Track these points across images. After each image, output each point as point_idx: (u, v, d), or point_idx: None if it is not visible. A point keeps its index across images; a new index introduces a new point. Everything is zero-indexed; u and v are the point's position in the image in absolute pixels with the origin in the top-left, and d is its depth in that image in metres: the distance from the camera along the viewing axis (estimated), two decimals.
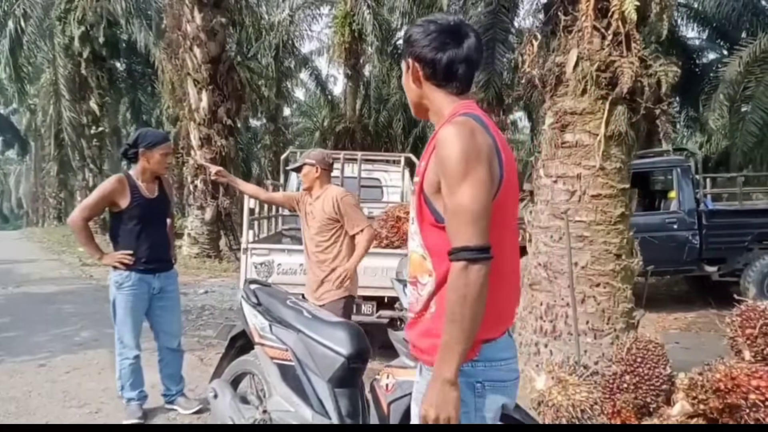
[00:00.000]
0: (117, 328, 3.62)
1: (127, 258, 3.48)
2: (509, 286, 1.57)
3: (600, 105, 4.11)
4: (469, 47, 1.54)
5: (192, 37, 11.59)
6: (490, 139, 1.46)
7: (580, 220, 4.14)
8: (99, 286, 8.87)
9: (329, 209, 3.58)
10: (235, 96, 12.17)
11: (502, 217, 1.48)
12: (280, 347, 2.70)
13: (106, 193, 3.51)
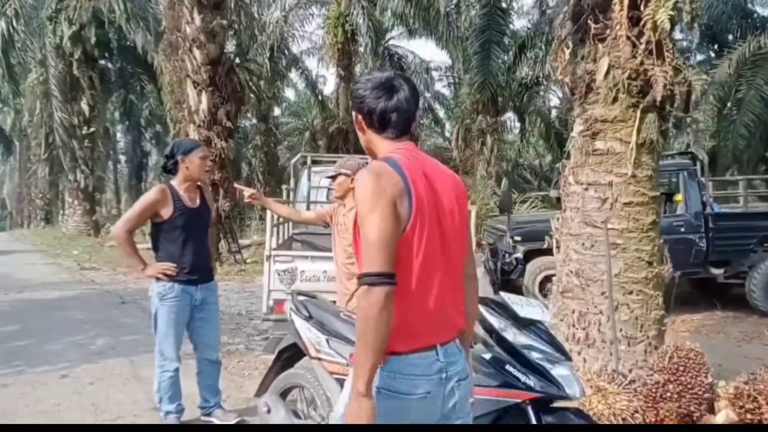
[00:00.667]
0: (158, 340, 3.56)
1: (171, 269, 3.43)
2: (424, 307, 1.70)
3: (631, 113, 4.13)
4: (399, 99, 1.76)
5: (191, 39, 11.46)
6: (399, 181, 1.65)
7: (613, 228, 4.15)
8: (103, 291, 8.77)
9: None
10: (235, 98, 12.05)
11: (417, 246, 1.66)
12: (340, 362, 2.67)
13: (149, 203, 3.46)
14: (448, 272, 1.76)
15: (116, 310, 7.37)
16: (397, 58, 24.39)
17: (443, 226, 1.74)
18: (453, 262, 1.79)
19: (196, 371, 3.78)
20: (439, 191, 1.74)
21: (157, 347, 3.59)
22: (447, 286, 1.76)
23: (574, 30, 4.27)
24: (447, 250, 1.75)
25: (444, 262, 1.74)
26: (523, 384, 2.11)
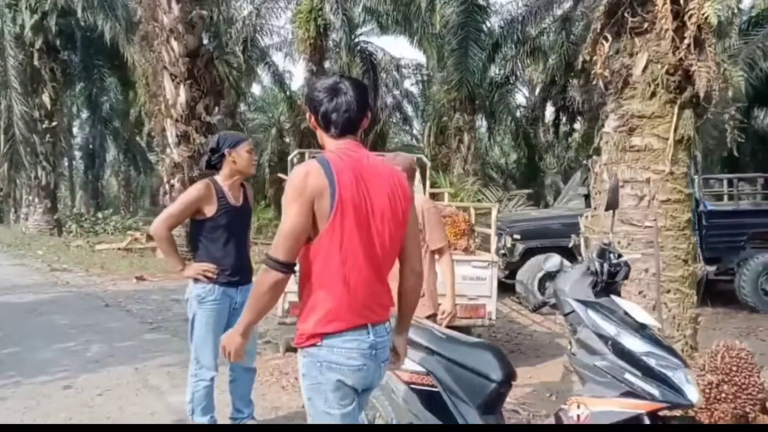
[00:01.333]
0: (194, 346, 3.29)
1: (212, 270, 3.17)
2: (347, 292, 1.91)
3: (669, 109, 4.07)
4: (339, 101, 1.95)
5: (169, 29, 11.00)
6: (323, 180, 1.85)
7: (650, 226, 4.09)
8: (82, 293, 8.30)
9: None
10: (214, 91, 11.65)
11: (339, 238, 1.88)
12: (419, 371, 2.49)
13: (192, 199, 3.18)
14: (375, 263, 1.97)
15: (101, 314, 6.95)
16: (368, 55, 24.16)
17: (371, 221, 1.93)
18: (382, 254, 1.98)
19: (230, 379, 3.52)
20: (370, 190, 1.93)
21: (193, 354, 3.32)
22: (374, 275, 1.98)
23: (611, 23, 4.17)
24: (373, 243, 1.94)
25: (370, 253, 1.94)
26: (646, 393, 1.98)
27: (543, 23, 20.47)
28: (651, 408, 1.98)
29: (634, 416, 2.01)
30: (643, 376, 2.01)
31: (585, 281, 2.27)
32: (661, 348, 2.07)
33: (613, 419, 2.01)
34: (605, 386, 2.06)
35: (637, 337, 2.09)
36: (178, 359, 5.11)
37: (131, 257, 12.05)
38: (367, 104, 2.03)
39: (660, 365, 2.01)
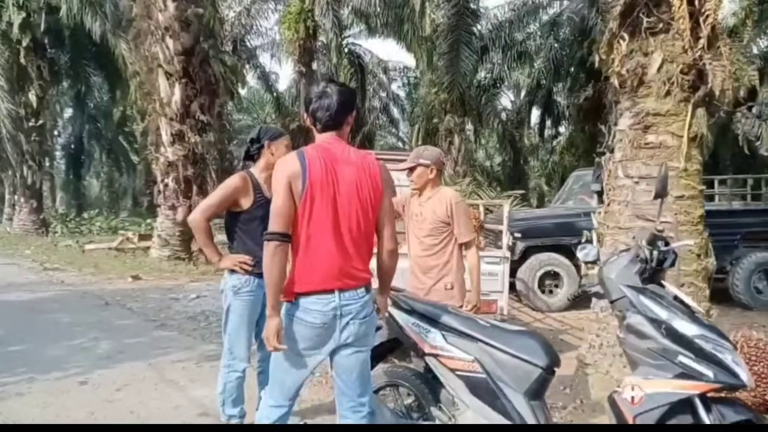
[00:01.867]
0: (229, 337, 3.29)
1: (248, 262, 3.18)
2: (316, 260, 2.31)
3: (683, 107, 4.17)
4: (322, 103, 2.37)
5: (164, 27, 10.92)
6: (297, 167, 2.28)
7: (665, 221, 4.16)
8: (80, 292, 8.20)
9: (442, 212, 3.42)
10: (209, 90, 11.57)
11: (311, 213, 2.29)
12: (465, 358, 2.53)
13: (230, 191, 3.19)
14: (340, 239, 2.32)
15: (104, 312, 6.88)
16: (356, 57, 24.20)
17: (337, 203, 2.30)
18: (348, 232, 2.33)
19: (258, 371, 3.52)
20: (339, 176, 2.31)
21: (227, 345, 3.31)
22: (340, 249, 2.32)
23: (627, 23, 4.26)
24: (338, 222, 2.31)
25: (336, 230, 2.31)
26: (700, 374, 2.04)
27: (529, 28, 20.74)
28: (705, 389, 2.05)
29: (686, 397, 2.08)
30: (697, 358, 2.07)
31: (632, 269, 2.33)
32: (711, 331, 2.14)
33: (667, 400, 2.08)
34: (659, 368, 2.12)
35: (688, 320, 2.16)
36: (189, 355, 5.10)
37: (123, 257, 11.91)
38: (348, 106, 2.43)
39: (712, 347, 2.08)
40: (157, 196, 11.65)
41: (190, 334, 5.95)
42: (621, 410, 2.16)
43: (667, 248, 2.31)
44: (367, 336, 2.44)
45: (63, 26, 16.36)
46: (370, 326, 2.44)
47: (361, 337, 2.40)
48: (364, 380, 2.47)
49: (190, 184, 11.40)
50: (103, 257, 11.90)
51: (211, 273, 10.50)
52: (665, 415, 2.10)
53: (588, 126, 19.74)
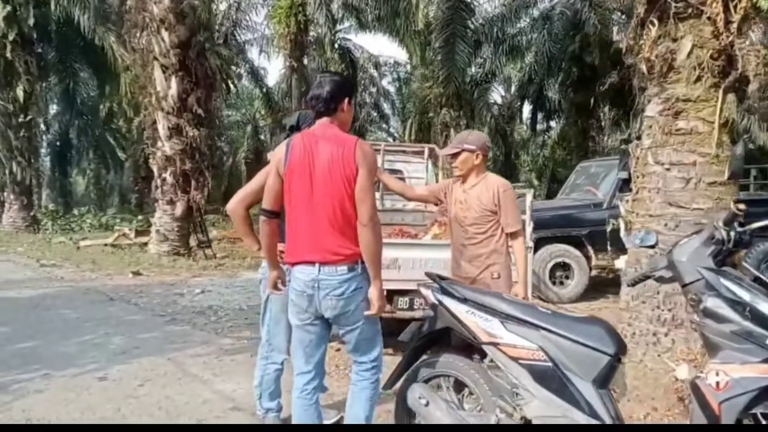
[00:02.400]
0: (268, 328, 3.18)
1: None
2: (296, 233, 2.59)
3: (713, 93, 4.12)
4: (313, 93, 2.63)
5: (160, 19, 10.70)
6: (283, 151, 2.59)
7: (698, 208, 4.14)
8: (82, 288, 8.02)
9: (488, 200, 3.31)
10: (206, 83, 11.38)
11: (290, 191, 2.56)
12: (528, 347, 2.44)
13: None
14: (316, 215, 2.52)
15: (110, 308, 6.72)
16: (347, 51, 24.06)
17: (312, 183, 2.51)
18: (323, 208, 2.51)
19: None
20: (315, 158, 2.52)
21: (265, 336, 3.21)
22: (315, 224, 2.53)
23: (656, 8, 4.20)
24: (312, 199, 2.52)
25: (311, 207, 2.52)
26: None
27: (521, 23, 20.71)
28: None
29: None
30: None
31: (705, 251, 2.26)
32: None
33: (756, 385, 2.01)
34: (745, 352, 2.05)
35: None
36: (207, 350, 4.99)
37: (120, 253, 11.69)
38: (337, 94, 2.60)
39: None
40: (155, 191, 11.45)
41: (203, 329, 5.82)
42: (705, 396, 2.09)
43: (744, 229, 2.25)
44: (349, 313, 2.58)
45: (51, 20, 16.02)
46: (349, 303, 2.56)
47: (343, 314, 2.58)
48: (361, 346, 2.71)
49: (188, 178, 11.21)
50: (99, 253, 11.67)
51: (212, 268, 10.37)
52: (752, 401, 2.03)
53: (580, 120, 19.86)
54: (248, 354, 4.85)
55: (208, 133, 23.26)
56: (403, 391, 2.81)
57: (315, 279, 2.53)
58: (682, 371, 3.72)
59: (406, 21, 17.96)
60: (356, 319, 2.60)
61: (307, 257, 2.55)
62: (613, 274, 8.89)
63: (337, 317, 2.60)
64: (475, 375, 2.69)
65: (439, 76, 16.36)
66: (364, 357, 2.73)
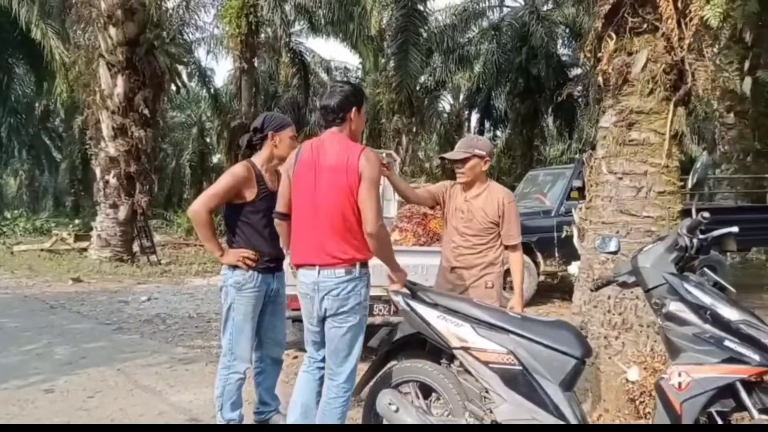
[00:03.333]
0: (230, 336, 3.07)
1: (252, 257, 3.00)
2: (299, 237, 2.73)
3: (665, 105, 4.30)
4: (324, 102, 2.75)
5: (107, 15, 10.33)
6: (293, 157, 2.75)
7: (648, 216, 4.28)
8: (20, 295, 7.62)
9: (492, 212, 3.25)
10: (154, 83, 11.04)
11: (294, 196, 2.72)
12: (499, 351, 2.47)
13: (236, 181, 2.99)
14: (318, 220, 2.63)
15: (51, 316, 6.40)
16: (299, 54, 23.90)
17: (316, 189, 2.63)
18: (325, 214, 2.61)
19: (256, 371, 3.33)
20: (321, 163, 2.63)
21: (227, 345, 3.10)
22: (316, 229, 2.63)
23: (614, 23, 4.35)
24: (316, 205, 2.63)
25: (313, 212, 2.63)
26: (748, 358, 2.07)
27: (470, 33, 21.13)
28: (751, 372, 2.08)
29: (730, 383, 2.10)
30: (742, 343, 2.10)
31: (668, 257, 2.35)
32: (753, 316, 2.18)
33: (714, 385, 2.09)
34: (705, 354, 2.14)
35: (730, 306, 2.19)
36: (159, 359, 4.82)
37: (58, 259, 11.16)
38: (345, 104, 2.68)
39: (755, 332, 2.11)
40: (97, 194, 11.00)
41: (153, 338, 5.62)
42: (668, 396, 2.16)
43: (705, 236, 2.35)
44: (343, 313, 2.66)
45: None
46: (344, 303, 2.65)
47: (338, 314, 2.66)
48: (339, 353, 2.72)
49: (133, 181, 10.83)
50: (36, 259, 11.11)
51: (157, 275, 10.04)
52: (710, 400, 2.12)
53: (526, 130, 20.43)
54: (202, 363, 4.72)
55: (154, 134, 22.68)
56: (372, 397, 2.79)
57: (315, 282, 2.66)
58: (633, 373, 3.87)
59: (359, 26, 18.00)
60: (346, 319, 2.68)
61: (310, 260, 2.67)
62: (559, 280, 9.15)
63: (331, 316, 2.68)
64: (444, 380, 2.70)
65: (392, 82, 16.48)
66: (340, 368, 2.73)
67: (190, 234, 17.10)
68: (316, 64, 26.59)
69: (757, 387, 2.15)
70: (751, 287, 9.14)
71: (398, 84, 16.21)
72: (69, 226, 15.63)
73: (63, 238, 12.18)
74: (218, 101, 25.76)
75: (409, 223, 5.43)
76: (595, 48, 4.49)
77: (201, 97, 30.01)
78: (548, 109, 20.78)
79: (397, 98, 16.53)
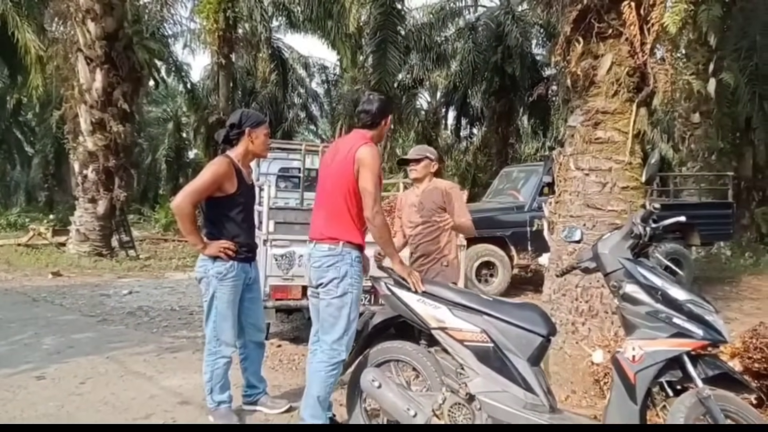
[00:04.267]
0: (214, 324, 3.25)
1: (232, 248, 3.19)
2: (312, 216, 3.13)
3: (628, 106, 4.58)
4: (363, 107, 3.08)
5: (86, 10, 10.32)
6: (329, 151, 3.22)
7: (612, 210, 4.57)
8: (1, 289, 7.63)
9: (438, 198, 3.72)
10: (133, 78, 11.07)
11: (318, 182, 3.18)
12: (473, 330, 2.71)
13: (218, 175, 3.16)
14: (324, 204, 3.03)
15: (35, 309, 6.47)
16: (277, 50, 23.91)
17: (328, 176, 3.03)
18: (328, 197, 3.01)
19: (241, 357, 3.53)
20: (334, 156, 3.04)
21: (211, 333, 3.28)
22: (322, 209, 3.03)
23: (581, 28, 4.62)
24: (327, 189, 3.04)
25: (323, 197, 3.05)
26: (692, 333, 2.33)
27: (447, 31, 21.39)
28: (696, 345, 2.34)
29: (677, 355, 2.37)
30: (688, 319, 2.37)
31: (624, 244, 2.60)
32: (697, 296, 2.44)
33: (664, 357, 2.36)
34: (656, 330, 2.40)
35: (678, 287, 2.45)
36: (146, 348, 4.96)
37: (35, 254, 11.11)
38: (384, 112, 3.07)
39: (700, 310, 2.38)
40: (75, 189, 11.00)
41: (138, 329, 5.75)
42: (623, 368, 2.42)
43: (657, 225, 2.60)
44: (322, 285, 2.96)
45: None
46: (322, 275, 2.95)
47: (320, 284, 2.97)
48: (323, 322, 2.99)
49: (112, 175, 10.86)
50: (13, 254, 11.05)
51: (137, 269, 10.10)
52: (660, 371, 2.38)
53: (501, 127, 20.78)
54: (189, 351, 4.88)
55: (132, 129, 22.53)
56: (355, 376, 3.00)
57: (310, 254, 3.05)
58: (598, 356, 4.15)
59: (337, 23, 18.11)
60: (328, 291, 2.95)
61: (312, 236, 3.06)
62: (532, 273, 9.47)
63: (317, 286, 3.00)
64: (422, 358, 2.93)
65: (371, 80, 16.64)
66: (325, 336, 2.98)
67: (168, 229, 17.10)
68: (294, 60, 26.61)
69: (700, 359, 2.42)
70: (713, 280, 9.58)
71: (377, 81, 16.36)
72: (44, 221, 15.50)
73: (40, 233, 12.12)
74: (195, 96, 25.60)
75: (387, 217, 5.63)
76: (564, 51, 4.77)
77: (177, 92, 29.85)
78: (523, 108, 21.18)
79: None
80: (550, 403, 2.63)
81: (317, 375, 2.95)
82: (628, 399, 2.41)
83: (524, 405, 2.58)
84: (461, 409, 2.71)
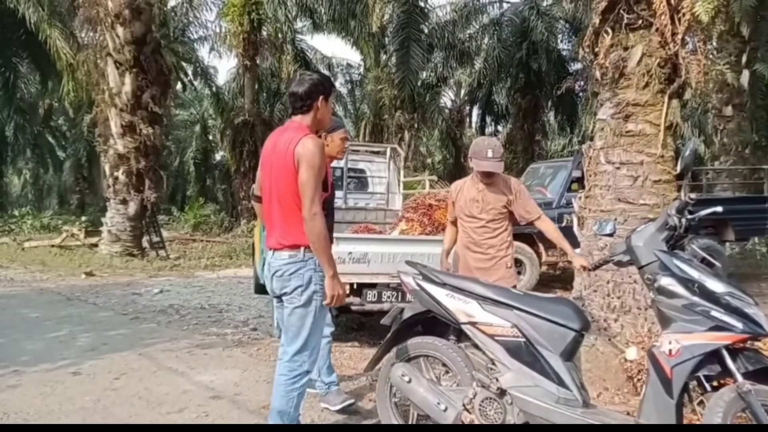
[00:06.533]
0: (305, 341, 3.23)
1: None
2: (266, 220, 2.86)
3: (660, 98, 4.50)
4: (291, 89, 2.79)
5: (114, 15, 10.53)
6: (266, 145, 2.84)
7: (644, 204, 4.49)
8: (36, 289, 7.84)
9: (504, 196, 3.61)
10: (161, 81, 11.25)
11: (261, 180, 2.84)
12: (503, 324, 2.68)
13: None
14: (273, 204, 2.75)
15: (69, 307, 6.62)
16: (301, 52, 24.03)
17: (271, 174, 2.73)
18: (276, 197, 2.72)
19: None
20: (274, 149, 2.72)
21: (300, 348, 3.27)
22: (273, 212, 2.75)
23: (611, 19, 4.55)
24: (272, 189, 2.74)
25: (269, 195, 2.76)
26: (731, 326, 2.27)
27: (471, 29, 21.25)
28: (735, 339, 2.29)
29: (716, 348, 2.31)
30: (727, 312, 2.31)
31: (659, 236, 2.55)
32: (736, 288, 2.38)
33: (702, 351, 2.30)
34: (694, 323, 2.34)
35: (716, 279, 2.39)
36: (178, 345, 5.03)
37: (69, 254, 11.38)
38: (313, 92, 2.70)
39: (739, 303, 2.32)
40: (107, 190, 11.22)
41: (169, 326, 5.84)
42: (659, 362, 2.37)
43: (693, 216, 2.55)
44: (286, 294, 2.73)
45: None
46: (285, 284, 2.72)
47: (284, 294, 2.74)
48: (287, 332, 2.79)
49: (142, 177, 11.05)
50: (47, 255, 11.33)
51: (167, 269, 10.27)
52: (698, 365, 2.33)
53: (527, 124, 20.57)
54: (219, 348, 4.93)
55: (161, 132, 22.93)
56: (386, 372, 3.00)
57: (269, 264, 2.79)
58: (632, 353, 4.08)
59: (360, 23, 18.14)
60: (291, 300, 2.72)
61: (268, 244, 2.82)
62: (560, 271, 9.35)
63: (281, 296, 2.77)
64: (452, 354, 2.91)
65: (394, 79, 16.66)
66: (289, 346, 2.75)
67: (197, 230, 17.36)
68: (318, 61, 26.74)
69: (740, 353, 2.36)
70: (749, 277, 9.34)
71: (400, 80, 16.39)
72: (76, 223, 15.86)
73: (74, 234, 12.41)
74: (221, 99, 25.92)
75: (415, 213, 5.62)
76: (592, 43, 4.70)
77: (203, 95, 30.25)
78: (549, 104, 20.95)
79: (399, 94, 16.71)
80: (583, 398, 2.59)
81: (278, 388, 2.75)
82: (664, 393, 2.36)
83: (557, 400, 2.55)
84: (492, 404, 2.69)
